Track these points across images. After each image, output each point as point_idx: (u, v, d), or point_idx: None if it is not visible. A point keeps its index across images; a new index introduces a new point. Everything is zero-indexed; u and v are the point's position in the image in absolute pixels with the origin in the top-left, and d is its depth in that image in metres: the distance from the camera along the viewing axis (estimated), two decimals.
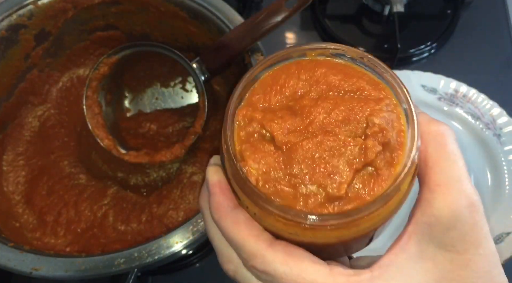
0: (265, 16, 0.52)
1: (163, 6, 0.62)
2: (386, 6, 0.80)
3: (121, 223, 0.61)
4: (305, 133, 0.28)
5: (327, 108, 0.29)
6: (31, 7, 0.60)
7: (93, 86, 0.61)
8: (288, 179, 0.27)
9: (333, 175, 0.27)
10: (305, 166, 0.27)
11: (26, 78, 0.65)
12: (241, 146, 0.28)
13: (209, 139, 0.64)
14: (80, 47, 0.69)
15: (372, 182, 0.27)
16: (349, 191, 0.27)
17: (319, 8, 0.83)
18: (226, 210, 0.29)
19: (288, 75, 0.30)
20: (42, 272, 0.47)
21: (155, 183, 0.64)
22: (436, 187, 0.28)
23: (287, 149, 0.28)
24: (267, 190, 0.27)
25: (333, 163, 0.27)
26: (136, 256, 0.47)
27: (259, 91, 0.30)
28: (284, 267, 0.27)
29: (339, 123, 0.28)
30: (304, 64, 0.31)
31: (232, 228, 0.28)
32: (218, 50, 0.56)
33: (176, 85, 0.65)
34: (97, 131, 0.61)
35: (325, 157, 0.27)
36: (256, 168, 0.27)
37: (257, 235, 0.28)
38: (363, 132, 0.28)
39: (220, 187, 0.30)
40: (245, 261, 0.28)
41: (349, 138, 0.28)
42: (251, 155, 0.28)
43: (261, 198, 0.27)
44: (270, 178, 0.27)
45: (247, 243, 0.28)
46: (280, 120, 0.28)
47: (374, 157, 0.27)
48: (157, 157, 0.60)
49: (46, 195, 0.63)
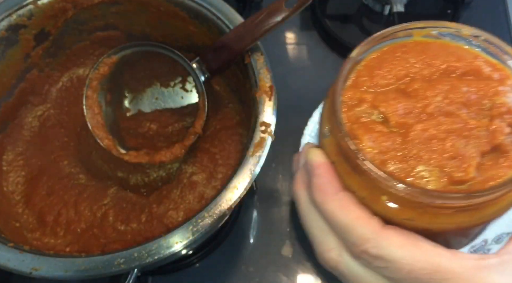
0: (265, 16, 0.52)
1: (163, 6, 0.62)
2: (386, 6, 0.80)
3: (121, 223, 0.61)
4: (421, 114, 0.27)
5: (444, 90, 0.27)
6: (31, 7, 0.60)
7: (93, 86, 0.61)
8: (406, 161, 0.26)
9: (458, 158, 0.25)
10: (425, 148, 0.26)
11: (26, 78, 0.65)
12: (352, 126, 0.27)
13: (209, 139, 0.64)
14: (80, 47, 0.69)
15: (500, 165, 0.26)
16: (476, 175, 0.25)
17: (319, 8, 0.83)
18: (332, 192, 0.27)
19: (395, 57, 0.29)
20: (42, 272, 0.47)
21: (155, 183, 0.64)
22: None
23: (404, 130, 0.27)
24: (385, 170, 0.26)
25: (457, 146, 0.26)
26: (136, 256, 0.47)
27: (364, 73, 0.29)
28: (403, 250, 0.25)
29: (459, 104, 0.27)
30: (411, 46, 0.30)
31: (339, 211, 0.26)
32: (218, 50, 0.56)
33: (176, 85, 0.65)
34: (97, 131, 0.60)
35: (446, 139, 0.26)
36: (371, 147, 0.26)
37: (368, 217, 0.26)
38: (487, 113, 0.27)
39: (325, 168, 0.28)
40: (353, 247, 0.26)
41: (473, 120, 0.26)
42: (365, 134, 0.27)
43: (380, 176, 0.25)
44: (386, 158, 0.26)
45: (358, 226, 0.26)
46: (394, 101, 0.27)
47: (502, 139, 0.26)
48: (157, 157, 0.60)
49: (46, 195, 0.63)
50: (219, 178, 0.62)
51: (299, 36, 0.84)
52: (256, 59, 0.56)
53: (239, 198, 0.48)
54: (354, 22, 0.84)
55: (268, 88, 0.54)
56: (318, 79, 0.80)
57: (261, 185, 0.72)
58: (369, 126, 0.27)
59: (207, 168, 0.63)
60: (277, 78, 0.55)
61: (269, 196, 0.71)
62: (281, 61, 0.82)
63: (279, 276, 0.65)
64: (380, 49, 0.30)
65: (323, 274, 0.65)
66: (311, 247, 0.29)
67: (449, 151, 0.26)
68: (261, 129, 0.52)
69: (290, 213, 0.70)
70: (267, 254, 0.67)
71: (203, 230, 0.47)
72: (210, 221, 0.48)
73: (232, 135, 0.64)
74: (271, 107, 0.53)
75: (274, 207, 0.70)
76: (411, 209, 0.25)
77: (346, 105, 0.28)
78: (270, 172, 0.72)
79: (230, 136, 0.64)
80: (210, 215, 0.48)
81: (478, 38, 0.29)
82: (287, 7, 0.51)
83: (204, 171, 0.62)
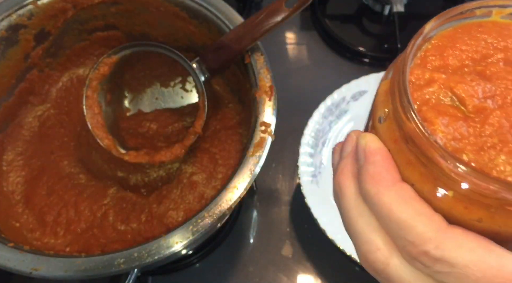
0: (265, 16, 0.52)
1: (163, 6, 0.62)
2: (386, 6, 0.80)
3: (121, 223, 0.61)
4: (502, 100, 0.24)
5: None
6: (31, 7, 0.60)
7: (93, 86, 0.61)
8: (484, 151, 0.23)
9: None
10: (506, 137, 0.23)
11: (26, 78, 0.65)
12: (421, 108, 0.24)
13: (209, 139, 0.64)
14: (80, 47, 0.69)
15: None
16: None
17: (319, 8, 0.83)
18: (389, 182, 0.24)
19: (471, 37, 0.26)
20: (42, 272, 0.47)
21: (155, 183, 0.64)
22: None
23: (481, 117, 0.24)
24: (460, 158, 0.22)
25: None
26: (136, 256, 0.47)
27: (435, 52, 0.26)
28: (472, 254, 0.22)
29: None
30: (489, 26, 0.27)
31: (397, 204, 0.23)
32: (218, 50, 0.56)
33: (176, 85, 0.65)
34: (97, 131, 0.60)
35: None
36: (445, 132, 0.23)
37: (431, 214, 0.23)
38: None
39: (382, 155, 0.24)
40: (411, 247, 0.23)
41: None
42: (437, 117, 0.24)
43: (454, 164, 0.22)
44: (461, 146, 0.23)
45: (418, 223, 0.22)
46: (470, 84, 0.24)
47: None
48: (157, 157, 0.60)
49: (46, 195, 0.63)
50: (219, 178, 0.62)
51: (299, 36, 0.84)
52: (256, 59, 0.56)
53: (239, 198, 0.48)
54: (354, 22, 0.84)
55: (268, 88, 0.54)
56: (318, 79, 0.80)
57: (261, 185, 0.72)
58: (440, 109, 0.24)
59: (207, 168, 0.63)
60: (277, 78, 0.55)
61: (269, 196, 0.71)
62: (281, 61, 0.82)
63: (279, 276, 0.65)
64: (453, 27, 0.27)
65: (323, 274, 0.65)
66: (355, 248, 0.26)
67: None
68: (261, 129, 0.52)
69: (290, 213, 0.70)
70: (267, 254, 0.67)
71: (203, 230, 0.47)
72: (210, 221, 0.48)
73: (232, 135, 0.64)
74: (271, 107, 0.53)
75: (274, 207, 0.70)
76: (482, 208, 0.22)
77: (413, 85, 0.25)
78: (270, 172, 0.72)
79: (230, 136, 0.64)
80: (210, 215, 0.48)
81: None
82: (287, 7, 0.51)
83: (204, 171, 0.62)
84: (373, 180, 0.24)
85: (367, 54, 0.80)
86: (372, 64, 0.80)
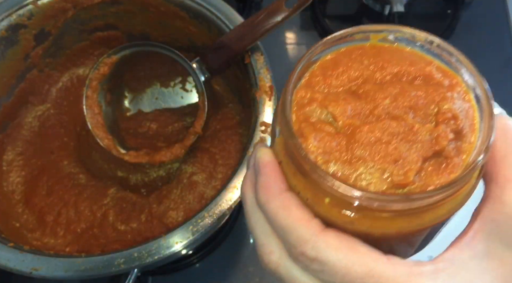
0: (265, 16, 0.52)
1: (163, 6, 0.62)
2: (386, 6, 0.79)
3: (121, 223, 0.61)
4: (369, 116, 0.27)
5: (394, 93, 0.28)
6: (31, 7, 0.60)
7: (93, 86, 0.61)
8: (349, 162, 0.26)
9: (400, 161, 0.26)
10: (369, 150, 0.26)
11: (26, 78, 0.65)
12: (300, 125, 0.27)
13: (209, 139, 0.64)
14: (80, 47, 0.69)
15: (441, 171, 0.26)
16: (416, 179, 0.25)
17: (319, 8, 0.83)
18: (275, 192, 0.27)
19: (351, 59, 0.30)
20: (42, 272, 0.47)
21: (155, 183, 0.64)
22: (507, 182, 0.26)
23: (350, 131, 0.27)
24: (326, 170, 0.26)
25: (400, 149, 0.26)
26: (136, 256, 0.47)
27: (318, 73, 0.29)
28: (338, 254, 0.25)
29: (407, 108, 0.27)
30: (367, 49, 0.30)
31: (281, 211, 0.26)
32: (218, 50, 0.56)
33: (176, 85, 0.65)
34: (97, 131, 0.61)
35: (391, 142, 0.26)
36: (316, 146, 0.26)
37: (308, 219, 0.26)
38: (433, 119, 0.27)
39: (271, 168, 0.28)
40: (293, 248, 0.26)
41: (418, 124, 0.27)
42: (311, 133, 0.27)
43: (321, 175, 0.25)
44: (330, 159, 0.26)
45: (298, 227, 0.26)
46: (343, 102, 0.28)
47: (445, 145, 0.26)
48: (157, 157, 0.60)
49: (46, 195, 0.63)
50: (219, 178, 0.62)
51: (299, 36, 0.84)
52: (256, 59, 0.56)
53: (239, 198, 0.48)
54: (354, 22, 0.84)
55: (268, 88, 0.54)
56: None
57: None
58: (317, 125, 0.27)
59: (207, 168, 0.63)
60: (277, 78, 0.55)
61: None
62: (281, 61, 0.82)
63: None
64: (337, 51, 0.30)
65: None
66: (256, 250, 0.29)
67: (392, 154, 0.26)
68: (261, 129, 0.52)
69: None
70: None
71: (203, 230, 0.47)
72: (210, 221, 0.48)
73: (232, 135, 0.64)
74: (271, 107, 0.53)
75: None
76: (351, 212, 0.25)
77: (297, 104, 0.28)
78: None
79: (230, 136, 0.64)
80: (210, 215, 0.48)
81: (432, 44, 0.29)
82: (287, 7, 0.51)
83: (204, 171, 0.62)
84: (263, 190, 0.27)
85: None
86: None
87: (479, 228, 0.26)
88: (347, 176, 0.26)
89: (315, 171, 0.25)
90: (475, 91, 0.28)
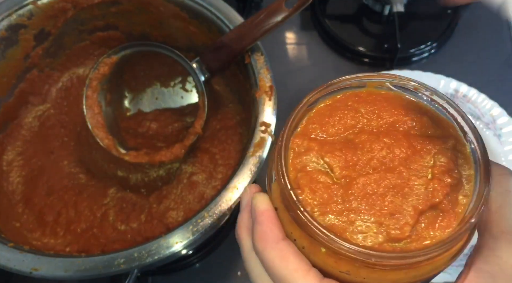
0: (265, 16, 0.52)
1: (163, 6, 0.62)
2: (386, 6, 0.79)
3: (121, 223, 0.61)
4: (366, 168, 0.27)
5: (390, 144, 0.28)
6: (31, 7, 0.60)
7: (93, 86, 0.61)
8: (346, 214, 0.26)
9: (396, 215, 0.26)
10: (365, 202, 0.26)
11: (26, 78, 0.65)
12: (297, 174, 0.27)
13: (209, 139, 0.64)
14: (80, 47, 0.69)
15: (437, 225, 0.26)
16: (412, 233, 0.26)
17: (319, 8, 0.83)
18: (272, 240, 0.27)
19: (347, 106, 0.29)
20: (42, 272, 0.47)
21: (155, 183, 0.64)
22: (501, 234, 0.26)
23: (346, 183, 0.27)
24: (322, 221, 0.26)
25: (396, 202, 0.26)
26: (136, 256, 0.47)
27: (315, 120, 0.29)
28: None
29: (403, 160, 0.27)
30: (363, 96, 0.30)
31: (279, 261, 0.26)
32: (218, 50, 0.56)
33: (176, 85, 0.65)
34: (97, 131, 0.60)
35: (387, 195, 0.26)
36: (313, 198, 0.26)
37: (306, 270, 0.26)
38: (429, 171, 0.27)
39: (267, 216, 0.28)
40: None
41: (414, 177, 0.27)
42: (307, 184, 0.27)
43: (317, 229, 0.25)
44: (326, 210, 0.26)
45: (295, 279, 0.26)
46: (339, 152, 0.28)
47: (441, 199, 0.26)
48: (157, 157, 0.60)
49: (46, 195, 0.63)
50: (219, 178, 0.62)
51: (299, 36, 0.84)
52: (256, 59, 0.56)
53: (239, 198, 0.48)
54: (354, 22, 0.84)
55: (268, 88, 0.54)
56: (318, 79, 0.80)
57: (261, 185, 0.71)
58: (313, 176, 0.27)
59: (207, 168, 0.63)
60: (277, 78, 0.55)
61: None
62: (281, 61, 0.81)
63: None
64: (333, 97, 0.30)
65: None
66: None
67: (388, 207, 0.26)
68: (261, 129, 0.52)
69: None
70: None
71: (203, 230, 0.48)
72: (210, 221, 0.48)
73: (232, 135, 0.64)
74: (271, 107, 0.53)
75: None
76: (348, 263, 0.25)
77: (294, 152, 0.28)
78: None
79: (230, 136, 0.64)
80: (210, 215, 0.48)
81: (428, 93, 0.29)
82: (287, 7, 0.51)
83: (204, 171, 0.63)
84: (260, 239, 0.27)
85: (367, 54, 0.80)
86: (372, 64, 0.80)
87: (473, 280, 0.26)
88: (344, 229, 0.26)
89: (312, 225, 0.25)
90: (470, 143, 0.28)
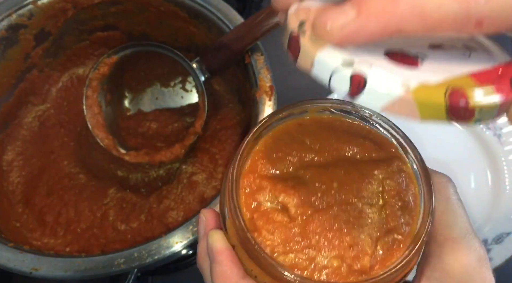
0: (265, 16, 0.52)
1: (163, 6, 0.62)
2: None
3: (121, 223, 0.61)
4: (319, 203, 0.27)
5: (339, 175, 0.28)
6: (31, 7, 0.60)
7: (93, 86, 0.61)
8: (306, 252, 0.26)
9: (355, 247, 0.26)
10: (323, 237, 0.26)
11: (26, 78, 0.65)
12: (252, 215, 0.27)
13: (209, 139, 0.64)
14: (80, 47, 0.69)
15: (394, 247, 0.26)
16: (372, 261, 0.26)
17: None
18: (232, 281, 0.27)
19: (292, 137, 0.29)
20: (42, 272, 0.47)
21: (155, 183, 0.64)
22: (445, 241, 0.27)
23: (303, 220, 0.27)
24: (283, 261, 0.26)
25: (353, 234, 0.26)
26: (136, 256, 0.47)
27: (262, 154, 0.29)
28: None
29: (354, 190, 0.28)
30: (306, 124, 0.30)
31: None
32: (218, 50, 0.56)
33: (176, 85, 0.65)
34: (97, 131, 0.60)
35: (343, 228, 0.27)
36: (271, 239, 0.26)
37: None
38: (380, 197, 0.28)
39: (226, 255, 0.28)
40: None
41: (367, 206, 0.27)
42: (264, 226, 0.27)
43: (278, 269, 0.25)
44: (286, 250, 0.26)
45: None
46: (292, 190, 0.27)
47: (395, 223, 0.27)
48: (157, 157, 0.60)
49: (46, 195, 0.63)
50: (219, 178, 0.62)
51: None
52: (256, 59, 0.56)
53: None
54: None
55: (268, 88, 0.54)
56: None
57: None
58: (269, 215, 0.27)
59: (207, 168, 0.63)
60: (277, 78, 0.55)
61: None
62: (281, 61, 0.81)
63: None
64: (277, 128, 0.30)
65: None
66: None
67: (346, 241, 0.26)
68: None
69: None
70: None
71: None
72: None
73: (232, 135, 0.64)
74: (271, 107, 0.53)
75: None
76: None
77: (246, 192, 0.28)
78: None
79: (230, 136, 0.64)
80: None
81: (367, 114, 0.29)
82: None
83: (204, 171, 0.63)
84: (219, 278, 0.27)
85: None
86: None
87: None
88: (305, 266, 0.26)
89: (271, 266, 0.25)
90: (411, 161, 0.28)
